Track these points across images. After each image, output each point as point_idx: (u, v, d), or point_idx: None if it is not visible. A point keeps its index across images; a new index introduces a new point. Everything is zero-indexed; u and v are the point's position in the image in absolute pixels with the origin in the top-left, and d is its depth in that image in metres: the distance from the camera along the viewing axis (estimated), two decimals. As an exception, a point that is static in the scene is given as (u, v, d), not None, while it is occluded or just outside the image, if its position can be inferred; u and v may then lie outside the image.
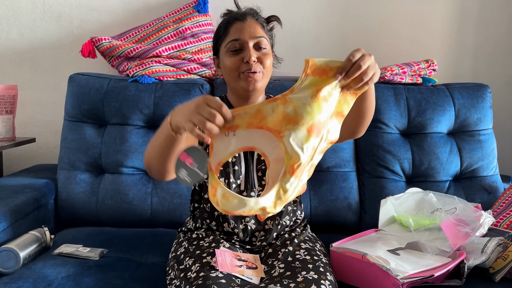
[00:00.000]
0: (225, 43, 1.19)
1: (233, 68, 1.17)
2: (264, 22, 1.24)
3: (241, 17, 1.19)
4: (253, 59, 1.15)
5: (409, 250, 1.26)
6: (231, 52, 1.18)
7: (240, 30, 1.17)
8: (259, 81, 1.18)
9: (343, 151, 1.72)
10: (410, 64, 1.86)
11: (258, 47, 1.18)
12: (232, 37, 1.17)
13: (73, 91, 1.72)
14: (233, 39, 1.17)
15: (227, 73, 1.21)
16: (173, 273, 1.15)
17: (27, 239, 1.31)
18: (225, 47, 1.19)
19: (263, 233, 1.22)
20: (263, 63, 1.18)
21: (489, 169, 1.74)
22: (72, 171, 1.66)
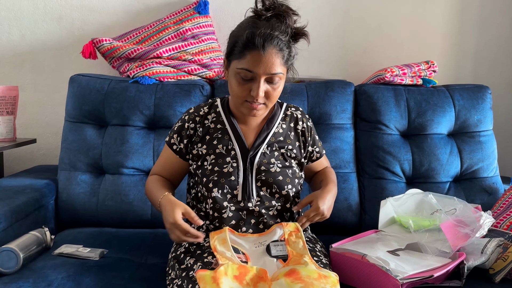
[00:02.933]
0: (237, 64, 1.11)
1: (239, 96, 1.14)
2: (285, 47, 1.12)
3: (262, 46, 1.08)
4: (261, 95, 1.11)
5: (408, 251, 1.26)
6: (240, 78, 1.12)
7: (256, 62, 1.08)
8: (261, 110, 1.17)
9: (343, 152, 1.72)
10: (410, 65, 1.86)
11: (270, 82, 1.12)
12: (246, 66, 1.09)
13: (74, 92, 1.73)
14: (247, 69, 1.09)
15: (231, 93, 1.17)
16: (174, 273, 1.15)
17: (27, 239, 1.31)
18: (236, 69, 1.11)
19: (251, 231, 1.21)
20: (270, 97, 1.14)
21: (489, 170, 1.74)
22: (73, 171, 1.67)
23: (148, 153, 1.67)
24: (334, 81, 1.81)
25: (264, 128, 1.25)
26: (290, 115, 1.30)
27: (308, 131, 1.31)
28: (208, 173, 1.20)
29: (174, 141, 1.27)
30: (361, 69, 2.05)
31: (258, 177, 1.21)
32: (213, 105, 1.29)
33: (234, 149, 1.22)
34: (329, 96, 1.75)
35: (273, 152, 1.24)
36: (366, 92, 1.78)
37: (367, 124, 1.77)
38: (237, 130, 1.24)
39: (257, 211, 1.20)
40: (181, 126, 1.26)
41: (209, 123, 1.25)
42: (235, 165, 1.20)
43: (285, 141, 1.26)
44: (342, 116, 1.75)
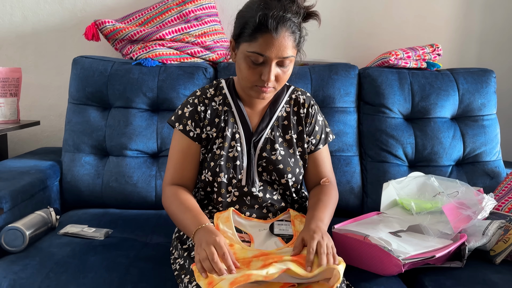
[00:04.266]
0: (248, 47, 1.07)
1: (249, 79, 1.11)
2: (297, 30, 1.09)
3: (275, 29, 1.04)
4: (272, 79, 1.09)
5: (410, 233, 1.27)
6: (251, 61, 1.08)
7: (268, 46, 1.05)
8: (270, 93, 1.14)
9: (346, 136, 1.72)
10: (415, 48, 1.85)
11: (281, 65, 1.10)
12: (257, 49, 1.06)
13: (77, 74, 1.72)
14: (259, 52, 1.06)
15: (240, 76, 1.14)
16: (177, 253, 1.16)
17: (33, 218, 1.33)
18: (247, 52, 1.07)
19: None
20: (280, 80, 1.11)
21: (492, 154, 1.74)
22: (77, 153, 1.68)
23: (151, 136, 1.68)
24: (338, 64, 1.80)
25: (268, 111, 1.24)
26: (295, 99, 1.26)
27: (309, 117, 1.25)
28: (216, 157, 1.18)
29: (190, 128, 1.20)
30: (365, 52, 2.04)
31: (259, 162, 1.20)
32: (218, 86, 1.25)
33: (239, 133, 1.20)
34: (333, 79, 1.74)
35: (277, 137, 1.22)
36: (370, 75, 1.77)
37: (371, 108, 1.77)
38: (243, 113, 1.22)
39: (260, 196, 1.21)
40: (193, 110, 1.21)
41: (217, 106, 1.22)
42: (239, 149, 1.19)
43: (289, 125, 1.23)
44: (346, 99, 1.75)
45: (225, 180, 1.18)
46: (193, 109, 1.21)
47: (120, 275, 1.14)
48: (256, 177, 1.20)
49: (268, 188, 1.21)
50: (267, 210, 1.22)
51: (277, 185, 1.22)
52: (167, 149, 1.67)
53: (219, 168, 1.17)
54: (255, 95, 1.14)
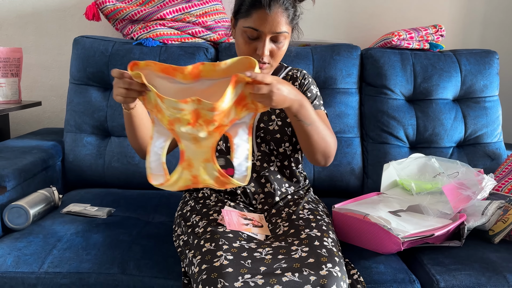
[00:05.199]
0: (244, 23, 1.12)
1: (245, 54, 1.13)
2: (291, 6, 1.12)
3: (268, 5, 1.08)
4: (266, 53, 1.12)
5: (410, 213, 1.28)
6: (247, 36, 1.12)
7: (262, 21, 1.09)
8: (266, 69, 1.17)
9: (347, 117, 1.72)
10: (418, 29, 1.83)
11: (275, 41, 1.12)
12: (252, 24, 1.10)
13: (78, 54, 1.72)
14: (253, 27, 1.10)
15: (238, 51, 1.18)
16: (180, 230, 1.18)
17: (36, 197, 1.34)
18: (243, 28, 1.12)
19: (263, 196, 1.23)
20: (275, 56, 1.14)
21: (493, 136, 1.74)
22: (79, 133, 1.68)
23: (153, 116, 1.68)
24: (340, 45, 1.79)
25: None
26: (291, 75, 1.30)
27: (301, 87, 1.28)
28: None
29: None
30: (367, 32, 2.02)
31: (258, 133, 1.23)
32: None
33: None
34: (335, 60, 1.73)
35: (274, 109, 1.25)
36: (373, 56, 1.76)
37: (373, 89, 1.76)
38: None
39: (258, 165, 1.23)
40: None
41: None
42: None
43: None
44: (348, 80, 1.74)
45: (223, 148, 1.22)
46: None
47: (123, 252, 1.16)
48: (254, 146, 1.23)
49: (265, 158, 1.24)
50: (265, 180, 1.23)
51: (275, 156, 1.25)
52: (168, 129, 1.68)
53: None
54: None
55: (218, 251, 0.98)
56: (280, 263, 0.95)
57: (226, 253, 0.97)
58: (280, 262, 0.96)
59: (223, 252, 0.97)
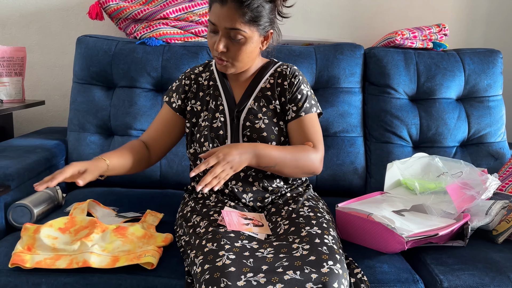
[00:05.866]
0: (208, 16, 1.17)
1: (210, 47, 1.18)
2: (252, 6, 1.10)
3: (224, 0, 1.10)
4: (220, 49, 1.13)
5: (413, 212, 1.28)
6: (210, 30, 1.16)
7: (216, 15, 1.11)
8: (229, 68, 1.18)
9: (350, 116, 1.72)
10: (421, 28, 1.83)
11: (232, 37, 1.13)
12: (211, 17, 1.14)
13: (81, 53, 1.72)
14: (210, 20, 1.14)
15: None
16: (182, 231, 1.18)
17: (40, 196, 1.34)
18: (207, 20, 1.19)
19: (251, 195, 1.22)
20: (233, 54, 1.14)
21: (496, 135, 1.74)
22: (82, 133, 1.68)
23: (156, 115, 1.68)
24: (343, 44, 1.79)
25: (251, 83, 1.27)
26: (280, 71, 1.27)
27: (291, 87, 1.24)
28: (201, 129, 1.24)
29: (173, 100, 1.30)
30: (371, 32, 2.02)
31: (244, 132, 1.23)
32: (208, 64, 1.34)
33: (223, 104, 1.25)
34: (338, 59, 1.73)
35: (261, 108, 1.24)
36: (376, 56, 1.76)
37: (376, 88, 1.76)
38: (227, 86, 1.27)
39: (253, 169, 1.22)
40: (178, 85, 1.31)
41: (203, 81, 1.30)
42: (223, 119, 1.23)
43: (273, 96, 1.25)
44: (351, 79, 1.74)
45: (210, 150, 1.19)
46: (179, 83, 1.32)
47: (126, 251, 1.16)
48: None
49: None
50: (253, 179, 1.23)
51: None
52: (171, 128, 1.68)
53: (204, 138, 1.23)
54: (218, 66, 1.20)
55: (220, 251, 0.98)
56: (282, 262, 0.95)
57: (228, 253, 0.97)
58: (282, 261, 0.96)
59: (225, 251, 0.97)
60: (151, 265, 1.07)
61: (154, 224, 1.29)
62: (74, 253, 1.07)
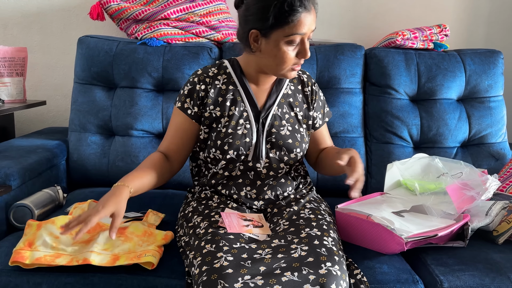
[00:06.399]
0: (284, 32, 1.08)
1: (289, 63, 1.13)
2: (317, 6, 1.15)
3: (308, 6, 1.08)
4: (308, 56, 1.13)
5: (413, 213, 1.28)
6: (287, 44, 1.10)
7: (305, 23, 1.08)
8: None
9: (351, 117, 1.72)
10: (422, 28, 1.83)
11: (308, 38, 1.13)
12: (297, 30, 1.08)
13: (82, 53, 1.72)
14: (297, 33, 1.08)
15: (274, 62, 1.13)
16: (182, 231, 1.18)
17: (41, 196, 1.35)
18: (285, 38, 1.09)
19: (262, 203, 1.23)
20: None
21: (497, 136, 1.74)
22: (83, 133, 1.69)
23: (157, 116, 1.69)
24: (344, 44, 1.79)
25: (274, 89, 1.25)
26: (297, 77, 1.30)
27: (313, 95, 1.29)
28: (222, 135, 1.19)
29: (187, 106, 1.21)
30: (371, 32, 2.02)
31: (268, 138, 1.21)
32: (221, 66, 1.26)
33: (247, 111, 1.21)
34: (339, 60, 1.73)
35: (284, 114, 1.24)
36: (377, 56, 1.76)
37: (377, 89, 1.76)
38: (249, 91, 1.23)
39: (264, 173, 1.22)
40: (192, 89, 1.22)
41: (220, 85, 1.23)
42: (249, 126, 1.21)
43: (294, 103, 1.27)
44: (352, 80, 1.74)
45: (234, 157, 1.19)
46: (192, 88, 1.22)
47: (127, 251, 1.16)
48: (263, 153, 1.21)
49: (273, 165, 1.22)
50: (268, 188, 1.22)
51: (284, 163, 1.23)
52: (172, 129, 1.68)
53: (228, 145, 1.18)
54: (288, 75, 1.17)
55: (218, 253, 0.98)
56: (280, 263, 0.95)
57: (226, 254, 0.97)
58: (280, 262, 0.96)
59: (223, 253, 0.97)
60: (152, 265, 1.07)
61: (155, 224, 1.30)
62: (74, 253, 1.08)
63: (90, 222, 0.97)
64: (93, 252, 1.06)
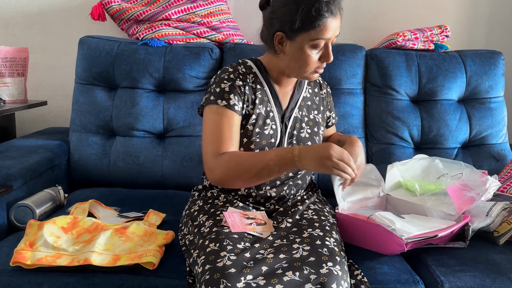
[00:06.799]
0: (310, 36, 1.09)
1: (312, 66, 1.14)
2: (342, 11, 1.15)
3: (335, 11, 1.09)
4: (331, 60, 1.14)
5: (414, 214, 1.28)
6: (312, 48, 1.11)
7: (331, 28, 1.09)
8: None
9: (352, 118, 1.72)
10: (423, 29, 1.83)
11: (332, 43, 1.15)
12: (322, 35, 1.09)
13: (83, 54, 1.73)
14: (322, 37, 1.09)
15: (297, 65, 1.14)
16: (186, 229, 1.18)
17: (42, 196, 1.35)
18: (310, 41, 1.10)
19: (277, 199, 1.24)
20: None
21: (498, 136, 1.74)
22: (84, 133, 1.69)
23: (158, 116, 1.69)
24: (345, 45, 1.79)
25: (295, 92, 1.27)
26: (314, 81, 1.33)
27: (328, 96, 1.37)
28: (249, 134, 1.18)
29: (234, 102, 1.15)
30: (372, 33, 2.02)
31: (289, 140, 1.23)
32: (246, 65, 1.23)
33: (273, 111, 1.22)
34: (340, 61, 1.73)
35: (304, 117, 1.26)
36: (377, 57, 1.76)
37: (377, 89, 1.76)
38: (275, 92, 1.23)
39: (284, 173, 1.22)
40: (232, 84, 1.16)
41: (251, 83, 1.20)
42: (275, 127, 1.21)
43: (312, 106, 1.30)
44: (352, 80, 1.74)
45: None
46: (232, 84, 1.17)
47: (128, 251, 1.16)
48: None
49: None
50: (288, 187, 1.24)
51: None
52: (173, 129, 1.68)
53: (255, 145, 1.18)
54: (310, 77, 1.19)
55: (222, 252, 0.98)
56: (281, 263, 0.96)
57: (230, 254, 0.98)
58: (282, 262, 0.96)
59: (226, 252, 0.98)
60: (153, 265, 1.07)
61: (156, 224, 1.30)
62: (75, 253, 1.08)
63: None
64: (94, 253, 1.06)
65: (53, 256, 1.07)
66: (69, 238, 1.14)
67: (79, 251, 1.09)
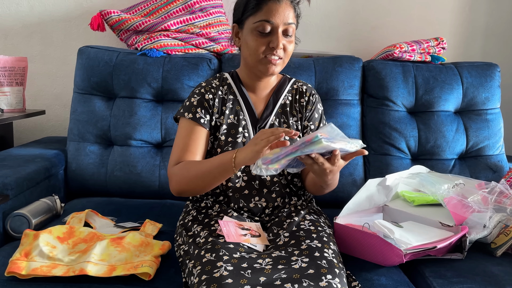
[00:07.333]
0: (254, 19, 1.15)
1: (257, 50, 1.16)
2: (297, 4, 1.20)
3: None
4: (281, 46, 1.15)
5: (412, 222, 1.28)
6: (258, 32, 1.15)
7: (274, 12, 1.13)
8: (278, 66, 1.19)
9: (349, 128, 1.72)
10: (420, 41, 1.84)
11: (286, 34, 1.16)
12: (264, 17, 1.13)
13: (82, 63, 1.73)
14: (265, 19, 1.13)
15: (248, 52, 1.19)
16: (181, 239, 1.18)
17: (38, 206, 1.34)
18: (253, 24, 1.15)
19: (271, 209, 1.24)
20: (286, 50, 1.18)
21: (495, 148, 1.75)
22: (82, 142, 1.69)
23: (156, 126, 1.69)
24: (342, 56, 1.80)
25: (271, 99, 1.28)
26: (297, 89, 1.32)
27: (309, 105, 1.30)
28: (222, 143, 1.22)
29: (200, 115, 1.22)
30: (369, 44, 2.04)
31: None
32: (222, 77, 1.30)
33: (245, 119, 1.24)
34: (337, 72, 1.74)
35: (281, 124, 1.26)
36: (374, 68, 1.78)
37: (374, 100, 1.77)
38: (248, 100, 1.26)
39: (268, 180, 1.23)
40: (201, 99, 1.24)
41: (223, 95, 1.27)
42: (247, 135, 1.23)
43: (291, 113, 1.29)
44: (350, 92, 1.75)
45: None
46: (201, 98, 1.25)
47: (124, 261, 1.15)
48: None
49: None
50: (276, 195, 1.24)
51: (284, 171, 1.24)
52: (171, 139, 1.69)
53: None
54: (264, 69, 1.18)
55: (218, 262, 0.98)
56: (280, 274, 0.95)
57: (226, 264, 0.97)
58: (280, 273, 0.95)
59: (223, 263, 0.97)
60: (149, 276, 1.07)
61: (152, 234, 1.29)
62: (71, 263, 1.07)
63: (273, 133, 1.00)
64: (90, 263, 1.05)
65: (49, 266, 1.06)
66: (65, 248, 1.13)
67: (75, 261, 1.08)
